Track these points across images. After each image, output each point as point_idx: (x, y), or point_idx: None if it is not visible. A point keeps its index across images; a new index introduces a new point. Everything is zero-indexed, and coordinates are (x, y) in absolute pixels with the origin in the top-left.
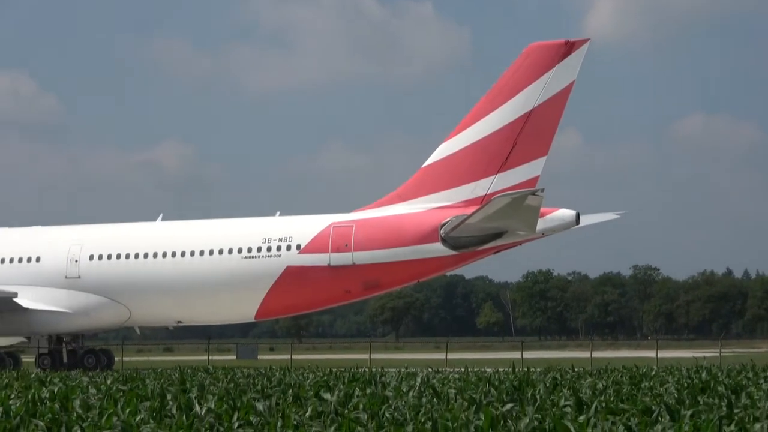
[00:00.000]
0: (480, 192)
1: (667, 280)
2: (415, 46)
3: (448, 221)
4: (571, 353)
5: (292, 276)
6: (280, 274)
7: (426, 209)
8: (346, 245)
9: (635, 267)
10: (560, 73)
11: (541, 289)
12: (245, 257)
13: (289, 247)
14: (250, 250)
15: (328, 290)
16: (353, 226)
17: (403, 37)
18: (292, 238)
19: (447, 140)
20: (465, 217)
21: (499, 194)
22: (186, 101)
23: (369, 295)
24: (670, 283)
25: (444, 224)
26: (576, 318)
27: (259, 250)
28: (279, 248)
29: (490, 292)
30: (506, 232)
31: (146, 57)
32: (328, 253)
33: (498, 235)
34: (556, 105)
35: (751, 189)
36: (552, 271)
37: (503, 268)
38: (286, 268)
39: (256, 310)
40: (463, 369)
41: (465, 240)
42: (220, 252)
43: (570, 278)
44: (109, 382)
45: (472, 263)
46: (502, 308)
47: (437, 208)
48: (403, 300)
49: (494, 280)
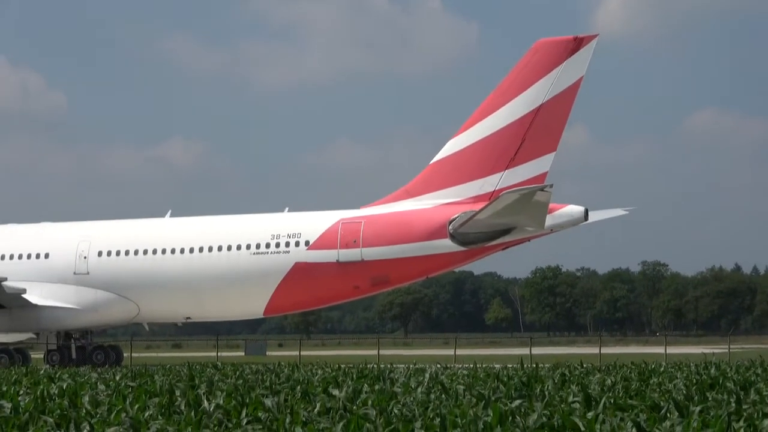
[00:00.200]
0: (488, 188)
1: (675, 276)
2: (423, 42)
3: (457, 217)
4: (579, 349)
5: (301, 272)
6: (288, 271)
7: (434, 205)
8: (355, 241)
9: (644, 263)
10: (569, 69)
11: (549, 285)
12: (254, 253)
13: (297, 243)
14: (258, 246)
15: (336, 286)
16: (362, 222)
17: (411, 33)
18: (300, 234)
19: (455, 136)
20: (474, 213)
21: (508, 190)
22: (195, 97)
23: (377, 291)
24: (679, 279)
25: (452, 220)
26: (585, 314)
27: (268, 246)
28: (287, 244)
29: (498, 288)
30: (515, 228)
31: (155, 53)
32: (337, 249)
33: (506, 231)
34: (565, 101)
35: (761, 185)
36: (561, 267)
37: (512, 264)
38: (294, 264)
39: (264, 306)
40: (471, 365)
41: (473, 236)
42: (228, 248)
43: (579, 274)
44: (117, 378)
45: (481, 259)
46: (511, 304)
47: (446, 204)
48: (411, 296)
49: (503, 276)
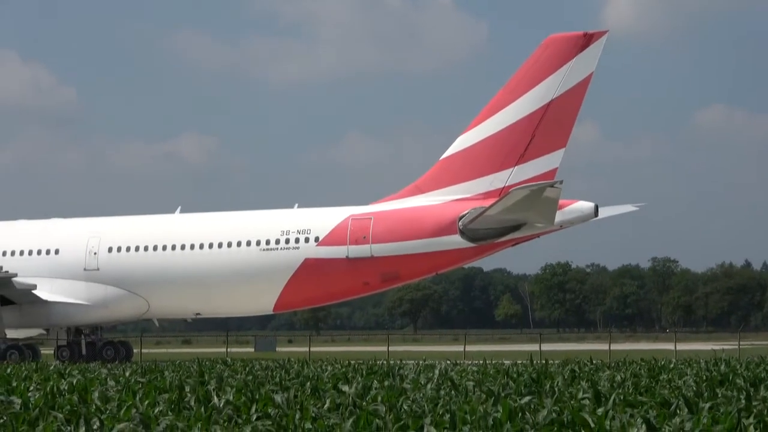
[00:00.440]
0: (498, 184)
1: (685, 272)
2: (434, 38)
3: (467, 213)
4: (589, 345)
5: (311, 268)
6: (298, 267)
7: (444, 201)
8: (365, 237)
9: (654, 259)
10: (579, 65)
11: (559, 281)
12: (263, 249)
13: (307, 240)
14: (268, 242)
15: (346, 282)
16: (371, 218)
17: (422, 29)
18: (310, 230)
19: (465, 132)
20: (483, 209)
21: (518, 186)
22: (205, 94)
23: (387, 288)
24: (689, 275)
25: (462, 216)
26: (594, 310)
27: (278, 242)
28: (297, 240)
29: (508, 284)
30: (525, 224)
31: (165, 49)
32: (347, 245)
33: (516, 227)
34: (575, 97)
35: None
36: (570, 263)
37: (521, 260)
38: (304, 260)
39: (274, 302)
40: (481, 361)
41: (483, 232)
42: (238, 244)
43: (588, 270)
44: (127, 374)
45: (491, 255)
46: (521, 300)
47: (456, 200)
48: (421, 292)
49: (512, 272)
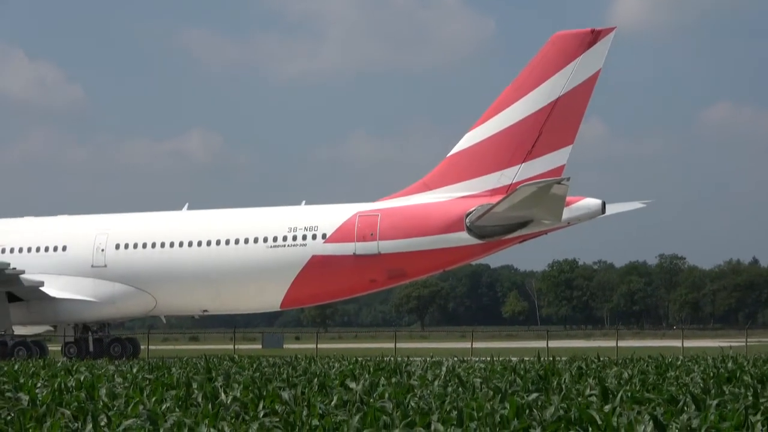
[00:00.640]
0: (505, 181)
1: (693, 269)
2: (440, 35)
3: (474, 210)
4: (596, 342)
5: (318, 265)
6: (305, 263)
7: (451, 198)
8: (372, 234)
9: (661, 256)
10: (586, 62)
11: (566, 278)
12: (271, 246)
13: (314, 236)
14: (275, 239)
15: (353, 279)
16: (379, 215)
17: (429, 26)
18: (317, 227)
19: (472, 129)
20: (490, 206)
21: (525, 183)
22: (212, 91)
23: (394, 284)
24: (696, 272)
25: (469, 213)
26: (601, 307)
27: (285, 239)
28: (305, 237)
29: (515, 281)
30: (532, 221)
31: (172, 46)
32: (354, 242)
33: (523, 224)
34: (582, 94)
35: None
36: (577, 260)
37: (529, 257)
38: (311, 257)
39: (281, 299)
40: (488, 358)
41: (490, 229)
42: (245, 241)
43: (595, 267)
44: (135, 370)
45: (498, 252)
46: (528, 297)
47: (463, 197)
48: (428, 289)
49: (519, 269)
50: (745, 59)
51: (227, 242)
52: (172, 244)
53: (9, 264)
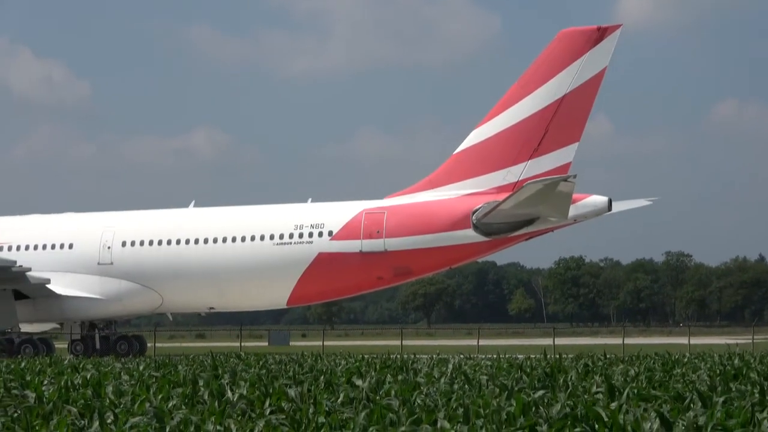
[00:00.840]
0: (512, 178)
1: (699, 267)
2: (447, 32)
3: (480, 208)
4: (603, 340)
5: (324, 262)
6: (311, 261)
7: (458, 196)
8: (378, 232)
9: (668, 253)
10: (592, 59)
11: (573, 275)
12: (277, 244)
13: (321, 234)
14: (282, 236)
15: (359, 277)
16: (385, 212)
17: (435, 22)
18: (323, 224)
19: (479, 126)
20: (497, 203)
21: (531, 180)
22: (219, 88)
23: (400, 282)
24: (703, 269)
25: (476, 211)
26: (608, 304)
27: (291, 236)
28: (311, 235)
29: (521, 278)
30: (538, 218)
31: (179, 43)
32: (360, 239)
33: (530, 222)
34: (589, 91)
35: None
36: (584, 258)
37: (535, 254)
38: (317, 254)
39: (288, 296)
40: (494, 355)
41: (497, 226)
42: (252, 238)
43: (602, 265)
44: (141, 368)
45: (504, 250)
46: (534, 295)
47: (469, 194)
48: (434, 286)
49: (526, 267)
50: (751, 56)
51: (234, 240)
52: (178, 242)
53: (15, 261)
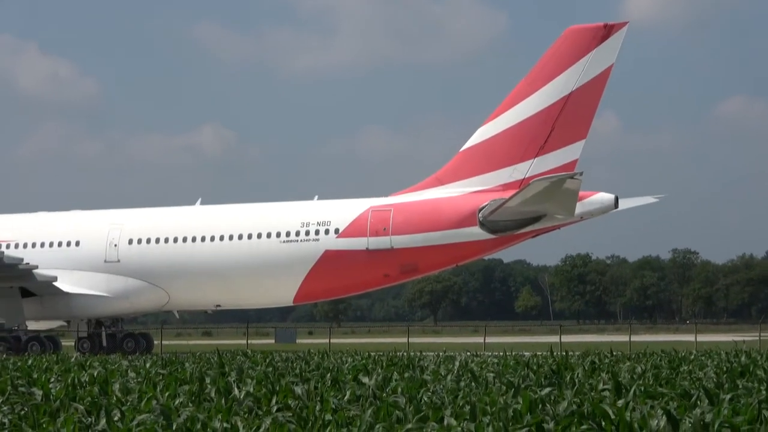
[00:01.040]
0: (518, 176)
1: (706, 264)
2: (453, 29)
3: (487, 205)
4: (609, 337)
5: (331, 260)
6: (318, 258)
7: (464, 193)
8: (384, 229)
9: (674, 250)
10: (599, 57)
11: (579, 272)
12: (284, 241)
13: (327, 231)
14: (288, 234)
15: (366, 274)
16: (391, 210)
17: (441, 20)
18: (330, 222)
19: (485, 124)
20: (503, 200)
21: (538, 178)
22: (225, 86)
23: (407, 279)
24: (710, 266)
25: (482, 208)
26: (614, 302)
27: (298, 234)
28: (317, 232)
29: (528, 275)
30: (545, 215)
31: (185, 41)
32: (366, 237)
33: (536, 219)
34: (595, 88)
35: None
36: (590, 255)
37: (541, 251)
38: (324, 252)
39: (294, 294)
40: (501, 353)
41: (503, 224)
42: (258, 236)
43: (608, 262)
44: (148, 365)
45: (511, 247)
46: (541, 292)
47: (475, 191)
48: (441, 284)
49: (532, 264)
50: (758, 53)
51: (240, 237)
52: (185, 239)
53: (22, 259)
